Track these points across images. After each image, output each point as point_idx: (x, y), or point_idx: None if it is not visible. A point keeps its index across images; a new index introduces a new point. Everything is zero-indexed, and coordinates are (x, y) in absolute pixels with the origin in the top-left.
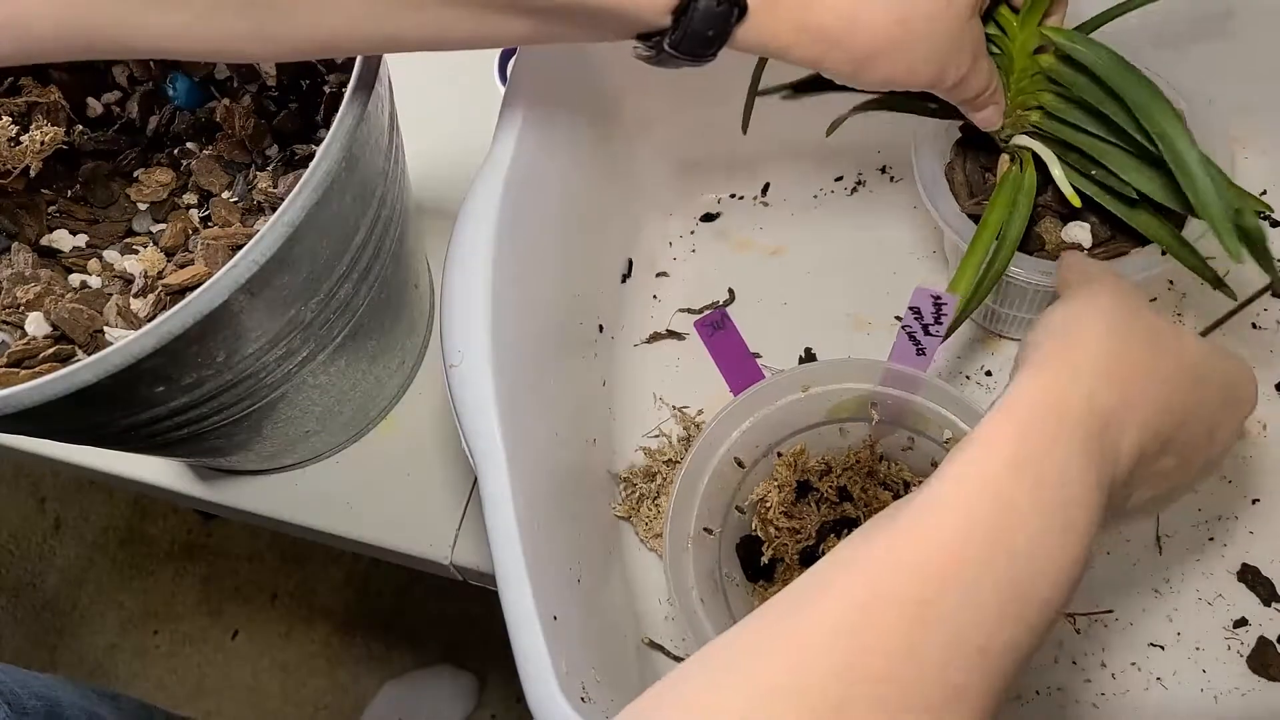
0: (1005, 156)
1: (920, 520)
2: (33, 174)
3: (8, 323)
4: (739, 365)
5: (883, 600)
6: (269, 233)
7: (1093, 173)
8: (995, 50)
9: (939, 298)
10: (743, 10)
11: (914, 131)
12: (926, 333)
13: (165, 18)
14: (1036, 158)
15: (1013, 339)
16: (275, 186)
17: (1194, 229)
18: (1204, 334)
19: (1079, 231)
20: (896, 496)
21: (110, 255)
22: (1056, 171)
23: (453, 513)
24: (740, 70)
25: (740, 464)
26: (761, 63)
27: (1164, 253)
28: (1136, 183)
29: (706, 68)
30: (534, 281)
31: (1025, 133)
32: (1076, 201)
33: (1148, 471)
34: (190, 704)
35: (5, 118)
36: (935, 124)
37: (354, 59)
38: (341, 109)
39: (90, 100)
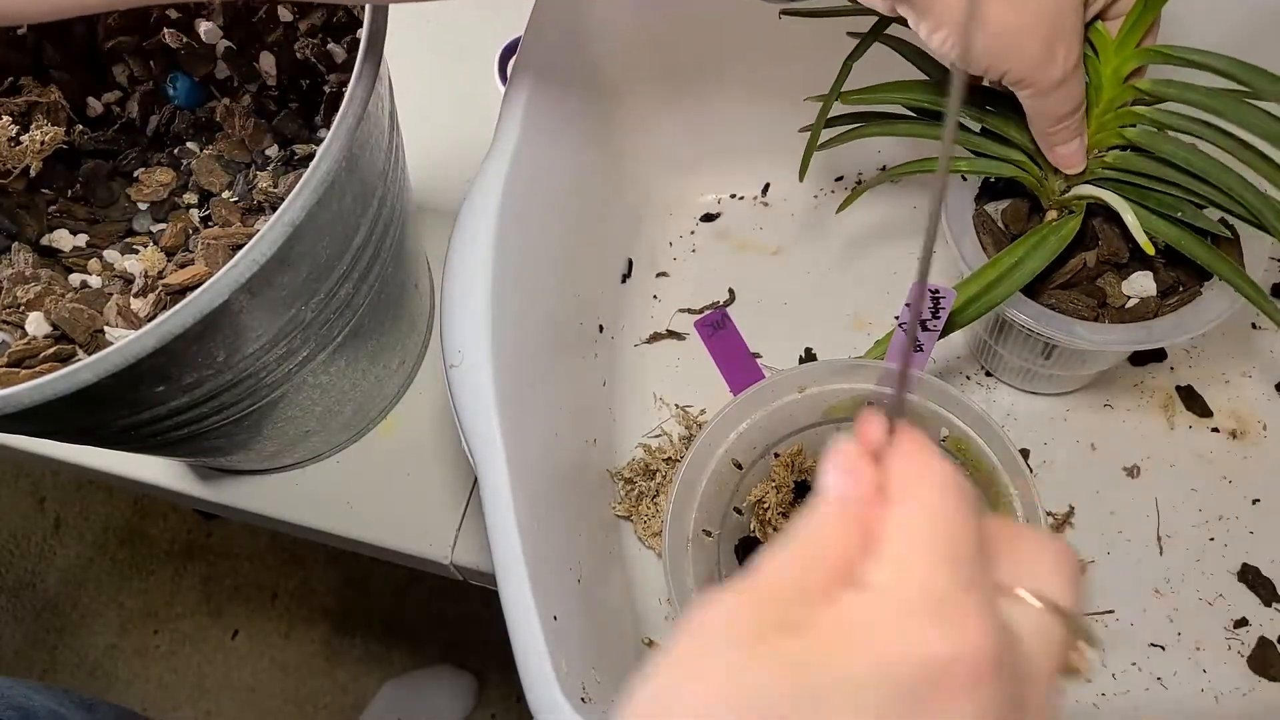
0: (1053, 212)
1: None
2: (33, 174)
3: (8, 322)
4: (739, 365)
5: None
6: (269, 232)
7: (1179, 214)
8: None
9: (937, 292)
10: None
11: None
12: (924, 329)
13: None
14: (1089, 210)
15: (1009, 385)
16: (275, 186)
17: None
18: None
19: (1144, 281)
20: None
21: (110, 255)
22: (1130, 218)
23: (453, 513)
24: (740, 71)
25: (738, 465)
26: (824, 112)
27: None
28: (1243, 208)
29: (709, 70)
30: (534, 281)
31: (1090, 181)
32: (1150, 249)
33: None
34: (190, 704)
35: (5, 118)
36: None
37: (353, 60)
38: (342, 109)
39: (90, 100)
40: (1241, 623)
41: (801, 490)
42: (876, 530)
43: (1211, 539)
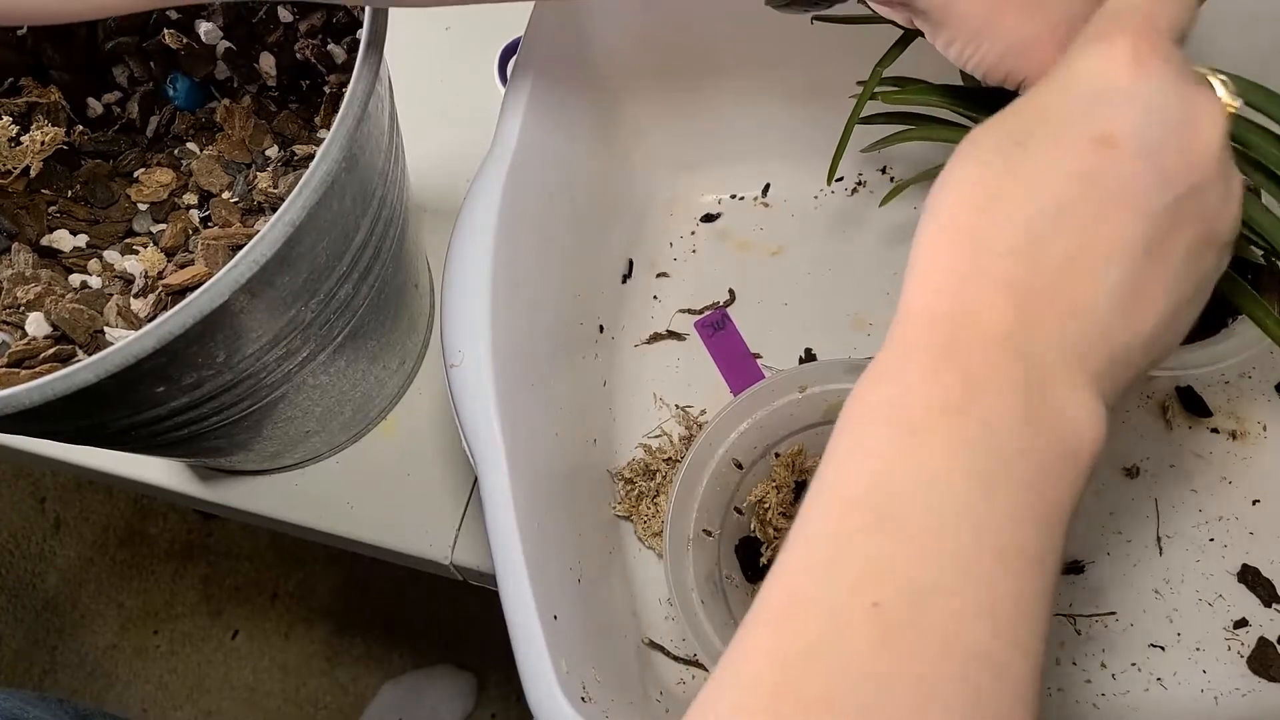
0: None
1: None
2: (33, 174)
3: (8, 323)
4: (739, 366)
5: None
6: (270, 232)
7: None
8: None
9: None
10: None
11: None
12: None
13: None
14: None
15: None
16: (275, 187)
17: None
18: None
19: None
20: None
21: (110, 255)
22: None
23: (453, 513)
24: (741, 71)
25: (738, 465)
26: (854, 118)
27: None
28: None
29: (709, 70)
30: (534, 282)
31: None
32: None
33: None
34: (190, 704)
35: (6, 118)
36: None
37: (353, 60)
38: (342, 109)
39: (90, 100)
40: (1241, 623)
41: (802, 490)
42: None
43: (1211, 539)
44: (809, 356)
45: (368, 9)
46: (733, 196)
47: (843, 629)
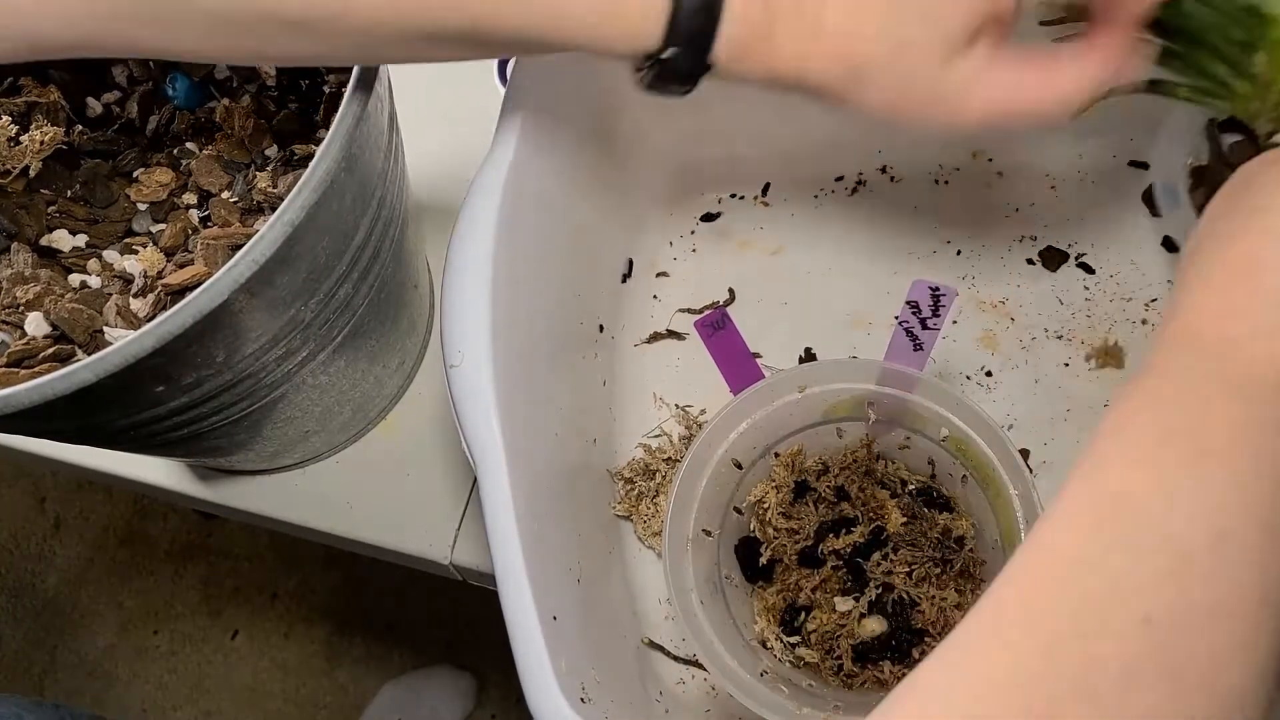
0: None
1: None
2: (32, 174)
3: (7, 323)
4: (739, 365)
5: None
6: (269, 232)
7: None
8: None
9: (937, 289)
10: (708, 67)
11: (1161, 120)
12: (924, 327)
13: (174, 38)
14: None
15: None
16: (275, 186)
17: None
18: None
19: None
20: (894, 495)
21: (110, 255)
22: None
23: (453, 513)
24: None
25: (738, 465)
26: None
27: None
28: None
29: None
30: (534, 281)
31: None
32: None
33: None
34: (190, 704)
35: (5, 117)
36: (1187, 112)
37: None
38: (341, 109)
39: (90, 100)
40: None
41: (801, 490)
42: None
43: None
44: (809, 356)
45: None
46: (733, 196)
47: (1113, 638)
